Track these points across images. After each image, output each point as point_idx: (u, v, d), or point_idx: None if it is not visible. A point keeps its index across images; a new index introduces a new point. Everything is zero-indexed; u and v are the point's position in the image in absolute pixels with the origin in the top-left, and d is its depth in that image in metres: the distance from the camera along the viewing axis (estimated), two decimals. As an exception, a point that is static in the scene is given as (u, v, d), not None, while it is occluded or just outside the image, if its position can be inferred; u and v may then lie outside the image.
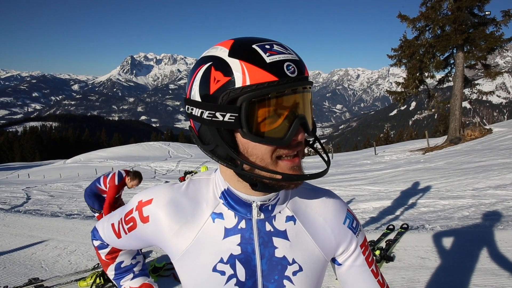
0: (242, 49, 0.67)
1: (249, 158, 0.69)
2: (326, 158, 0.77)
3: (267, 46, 0.67)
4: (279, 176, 0.68)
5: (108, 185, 4.69)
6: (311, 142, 0.79)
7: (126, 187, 4.78)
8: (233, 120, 0.65)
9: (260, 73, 0.64)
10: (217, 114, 0.66)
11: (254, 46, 0.67)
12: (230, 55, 0.67)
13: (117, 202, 4.80)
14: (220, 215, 0.79)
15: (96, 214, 5.06)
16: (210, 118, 0.67)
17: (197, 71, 0.70)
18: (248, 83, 0.64)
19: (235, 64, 0.65)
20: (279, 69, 0.64)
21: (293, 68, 0.66)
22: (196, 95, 0.70)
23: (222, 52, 0.68)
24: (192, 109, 0.71)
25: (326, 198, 0.87)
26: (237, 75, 0.64)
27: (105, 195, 4.90)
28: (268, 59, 0.65)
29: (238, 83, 0.64)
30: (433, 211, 6.02)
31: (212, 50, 0.71)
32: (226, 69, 0.66)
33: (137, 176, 4.75)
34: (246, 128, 0.65)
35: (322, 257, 0.83)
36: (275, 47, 0.67)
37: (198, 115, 0.69)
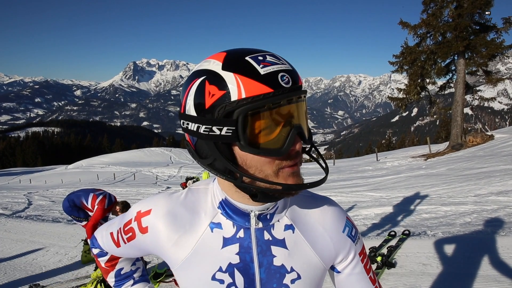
0: (236, 62, 0.67)
1: (248, 170, 0.69)
2: (324, 166, 0.78)
3: (260, 58, 0.67)
4: (279, 187, 0.68)
5: (96, 207, 4.49)
6: (307, 149, 0.78)
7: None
8: (230, 134, 0.65)
9: (255, 85, 0.64)
10: (214, 128, 0.66)
11: (247, 58, 0.66)
12: (224, 68, 0.66)
13: (100, 224, 4.52)
14: (218, 225, 0.80)
15: (83, 223, 4.79)
16: (207, 133, 0.67)
17: (191, 85, 0.70)
18: (243, 95, 0.64)
19: (229, 77, 0.65)
20: (274, 80, 0.64)
21: (287, 79, 0.66)
22: (191, 110, 0.69)
23: (215, 65, 0.68)
24: (187, 124, 0.70)
25: (325, 206, 0.87)
26: (232, 88, 0.64)
27: (87, 211, 4.76)
28: (262, 71, 0.64)
29: (234, 96, 0.64)
30: (434, 218, 6.00)
31: (205, 63, 0.71)
32: (220, 83, 0.65)
33: (125, 208, 4.59)
34: (244, 141, 0.65)
35: (321, 265, 0.83)
36: (268, 58, 0.67)
37: (194, 129, 0.69)
